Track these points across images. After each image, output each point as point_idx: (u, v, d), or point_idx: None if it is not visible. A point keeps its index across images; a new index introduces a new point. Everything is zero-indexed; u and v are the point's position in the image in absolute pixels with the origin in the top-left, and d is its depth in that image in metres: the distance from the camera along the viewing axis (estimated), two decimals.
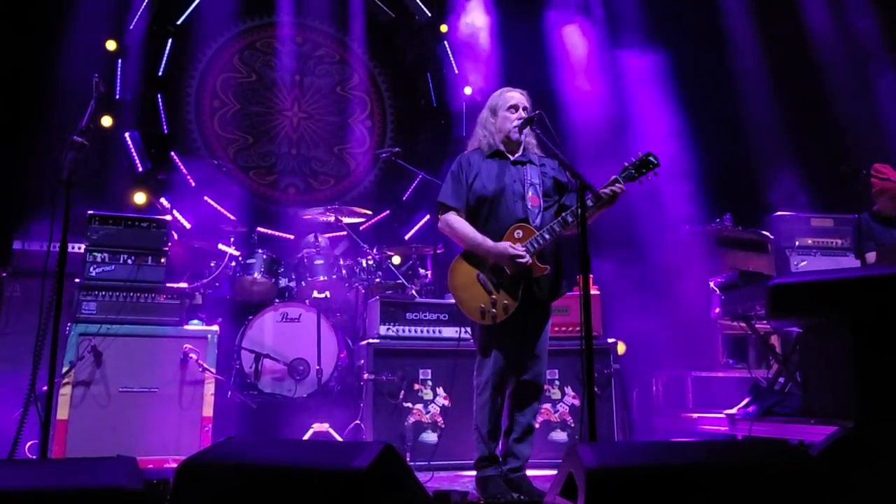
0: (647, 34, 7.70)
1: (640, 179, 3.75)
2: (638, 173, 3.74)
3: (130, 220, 4.93)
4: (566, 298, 4.31)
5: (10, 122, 6.75)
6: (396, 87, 9.25)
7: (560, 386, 5.10)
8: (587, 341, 3.19)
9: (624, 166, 3.76)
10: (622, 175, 3.74)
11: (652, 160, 3.74)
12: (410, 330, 5.13)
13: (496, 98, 4.02)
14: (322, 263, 5.96)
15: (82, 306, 4.70)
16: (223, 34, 8.52)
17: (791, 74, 7.46)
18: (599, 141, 6.87)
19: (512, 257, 3.66)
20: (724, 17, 7.90)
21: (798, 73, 7.45)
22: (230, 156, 8.35)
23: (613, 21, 8.17)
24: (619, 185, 3.67)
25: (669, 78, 7.45)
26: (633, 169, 3.74)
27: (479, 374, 3.84)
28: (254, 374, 5.45)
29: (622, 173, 3.75)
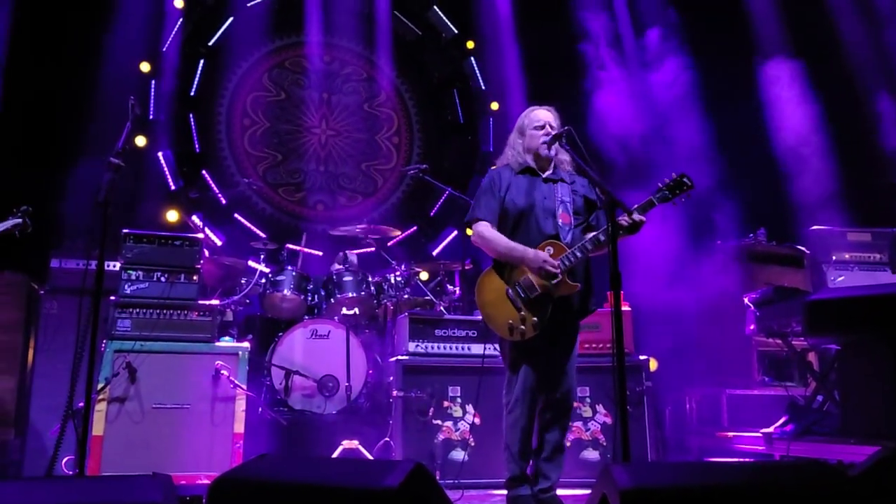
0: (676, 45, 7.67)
1: (674, 200, 3.71)
2: (672, 194, 3.71)
3: (163, 239, 4.99)
4: (597, 315, 4.28)
5: (49, 142, 6.90)
6: (423, 104, 9.31)
7: (591, 404, 5.05)
8: (619, 358, 3.16)
9: (658, 187, 3.73)
10: (656, 196, 3.71)
11: (686, 181, 3.70)
12: (439, 347, 5.12)
13: (523, 118, 4.03)
14: (351, 280, 5.98)
15: (117, 323, 4.76)
16: (253, 54, 8.65)
17: (825, 85, 7.35)
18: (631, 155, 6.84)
19: (546, 263, 3.63)
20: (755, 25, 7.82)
21: (833, 85, 7.35)
22: (260, 173, 8.45)
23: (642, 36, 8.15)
24: (637, 215, 3.62)
25: (699, 89, 7.40)
26: (667, 190, 3.71)
27: (509, 392, 3.82)
28: (284, 391, 5.47)
29: (656, 194, 3.71)
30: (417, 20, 9.19)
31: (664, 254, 6.36)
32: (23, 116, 6.84)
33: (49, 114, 7.00)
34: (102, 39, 7.21)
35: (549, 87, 8.05)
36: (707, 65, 7.57)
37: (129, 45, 7.49)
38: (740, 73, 7.57)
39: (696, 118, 7.22)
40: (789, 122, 7.33)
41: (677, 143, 7.09)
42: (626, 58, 8.25)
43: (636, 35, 8.35)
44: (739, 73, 7.57)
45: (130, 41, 7.50)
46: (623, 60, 8.20)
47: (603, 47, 8.07)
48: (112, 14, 7.28)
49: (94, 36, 7.16)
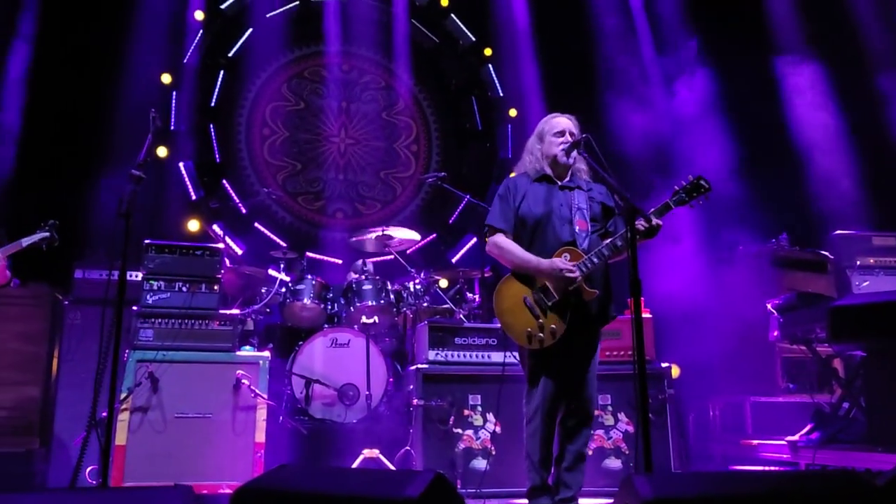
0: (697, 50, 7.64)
1: (691, 203, 3.69)
2: (689, 197, 3.68)
3: (185, 249, 5.04)
4: (617, 322, 4.24)
5: (72, 154, 6.98)
6: (441, 111, 9.33)
7: (613, 412, 5.01)
8: (640, 366, 3.13)
9: (674, 190, 3.71)
10: (673, 199, 3.69)
11: (703, 184, 3.68)
12: (459, 355, 5.11)
13: (543, 124, 4.02)
14: (370, 289, 5.98)
15: (140, 333, 4.81)
16: (272, 64, 8.72)
17: (849, 87, 7.27)
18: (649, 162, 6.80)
19: (562, 271, 3.62)
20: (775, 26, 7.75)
21: (856, 87, 7.26)
22: (279, 182, 8.50)
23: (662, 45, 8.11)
24: (654, 220, 3.60)
25: (718, 93, 7.35)
26: (683, 193, 3.69)
27: (529, 401, 3.79)
28: (304, 400, 5.48)
29: (673, 197, 3.69)
30: (435, 28, 9.23)
31: (685, 259, 6.31)
32: (46, 129, 6.95)
33: (72, 126, 7.10)
34: (124, 52, 7.31)
35: (568, 92, 8.03)
36: (727, 67, 7.51)
37: (150, 58, 7.59)
38: (761, 75, 7.50)
39: (716, 122, 7.16)
40: (811, 124, 7.26)
41: (697, 148, 7.03)
42: (645, 62, 8.22)
43: (655, 39, 8.32)
44: (760, 75, 7.50)
45: (152, 54, 7.60)
46: (641, 64, 8.17)
47: (621, 52, 8.05)
48: (134, 27, 7.38)
49: (117, 49, 7.26)
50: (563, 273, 3.62)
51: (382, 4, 8.93)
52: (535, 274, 3.71)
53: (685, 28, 7.72)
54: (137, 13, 7.43)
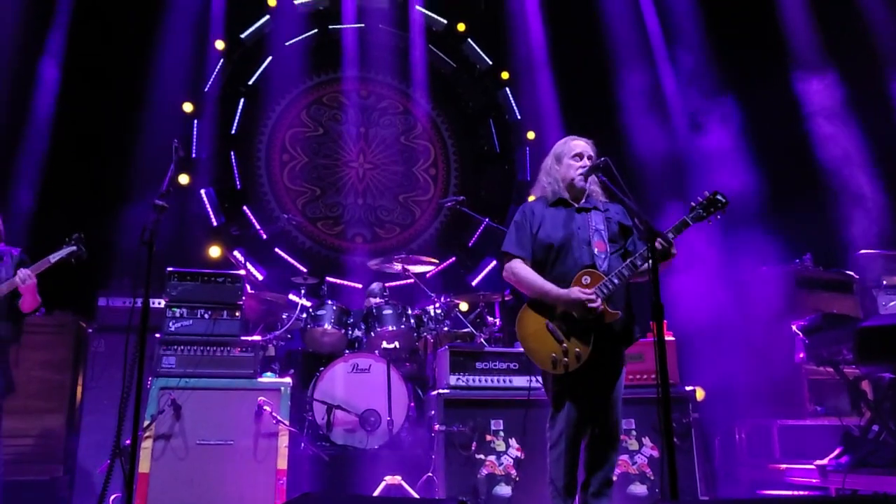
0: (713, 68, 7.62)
1: (708, 219, 3.66)
2: (706, 213, 3.65)
3: (207, 276, 5.07)
4: (640, 345, 4.21)
5: (94, 182, 7.08)
6: (459, 135, 9.38)
7: (637, 436, 4.95)
8: (664, 390, 3.10)
9: (691, 206, 3.68)
10: (690, 216, 3.66)
11: (720, 199, 3.65)
12: (481, 380, 5.07)
13: (561, 146, 4.01)
14: (391, 313, 5.98)
15: (163, 360, 4.83)
16: (291, 91, 8.83)
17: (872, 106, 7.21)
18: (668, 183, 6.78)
19: (582, 301, 3.59)
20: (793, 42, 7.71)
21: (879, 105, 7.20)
22: (299, 207, 8.56)
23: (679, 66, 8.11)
24: (672, 236, 3.57)
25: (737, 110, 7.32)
26: (700, 209, 3.66)
27: (553, 426, 3.75)
28: (326, 426, 5.47)
29: (690, 214, 3.66)
30: (452, 53, 9.31)
31: (708, 280, 6.26)
32: (70, 157, 7.06)
33: (95, 155, 7.21)
34: (147, 81, 7.44)
35: (585, 114, 8.06)
36: (746, 87, 7.49)
37: (172, 87, 7.72)
38: (781, 94, 7.46)
39: (736, 142, 7.13)
40: (833, 142, 7.19)
41: (717, 168, 7.00)
42: (662, 83, 8.22)
43: (672, 60, 8.32)
44: (780, 94, 7.46)
45: (174, 83, 7.73)
46: (659, 85, 8.17)
47: (638, 74, 8.06)
48: (156, 57, 7.51)
49: (140, 78, 7.39)
50: (583, 304, 3.59)
51: (400, 31, 9.02)
52: (555, 304, 3.68)
53: (703, 49, 7.70)
54: (160, 44, 7.56)
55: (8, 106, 6.90)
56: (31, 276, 4.09)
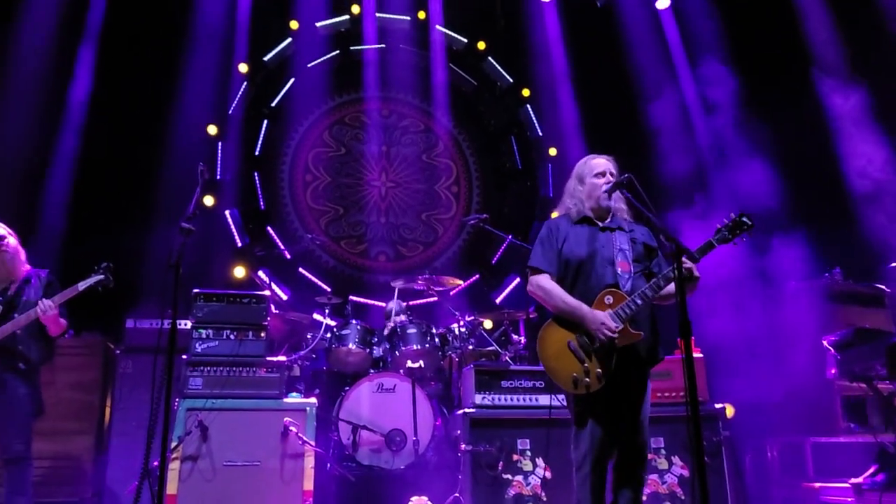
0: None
1: (734, 241, 3.61)
2: (732, 235, 3.61)
3: (232, 297, 5.10)
4: (667, 362, 4.15)
5: (122, 205, 7.17)
6: (481, 152, 9.40)
7: (666, 455, 4.88)
8: (693, 410, 3.05)
9: (717, 228, 3.63)
10: (716, 237, 3.61)
11: (746, 221, 3.60)
12: (506, 398, 5.04)
13: (582, 166, 3.99)
14: (415, 332, 5.97)
15: (189, 381, 4.86)
16: (313, 112, 8.91)
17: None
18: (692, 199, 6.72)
19: (601, 327, 3.55)
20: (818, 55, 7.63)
21: None
22: (322, 227, 8.61)
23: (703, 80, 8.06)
24: (697, 258, 3.53)
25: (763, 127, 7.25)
26: (726, 231, 3.61)
27: (577, 447, 3.69)
28: (351, 446, 5.45)
29: (715, 235, 3.62)
30: (473, 71, 9.35)
31: (736, 295, 6.18)
32: (98, 182, 7.17)
33: (123, 178, 7.30)
34: (173, 106, 7.56)
35: (607, 129, 8.05)
36: (770, 100, 7.42)
37: (197, 110, 7.84)
38: (806, 107, 7.38)
39: (761, 156, 7.05)
40: (860, 154, 7.09)
41: (742, 183, 6.93)
42: (685, 96, 8.18)
43: (693, 71, 8.28)
44: (805, 107, 7.38)
45: (199, 106, 7.84)
46: (681, 99, 8.14)
47: (660, 87, 8.03)
48: (182, 82, 7.63)
49: (166, 102, 7.51)
50: (602, 331, 3.55)
51: (420, 50, 9.08)
52: (578, 322, 3.65)
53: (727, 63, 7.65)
54: (185, 68, 7.68)
55: (38, 130, 7.03)
56: (53, 306, 4.14)
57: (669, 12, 8.44)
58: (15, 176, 6.71)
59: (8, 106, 6.81)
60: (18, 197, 6.61)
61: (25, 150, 6.91)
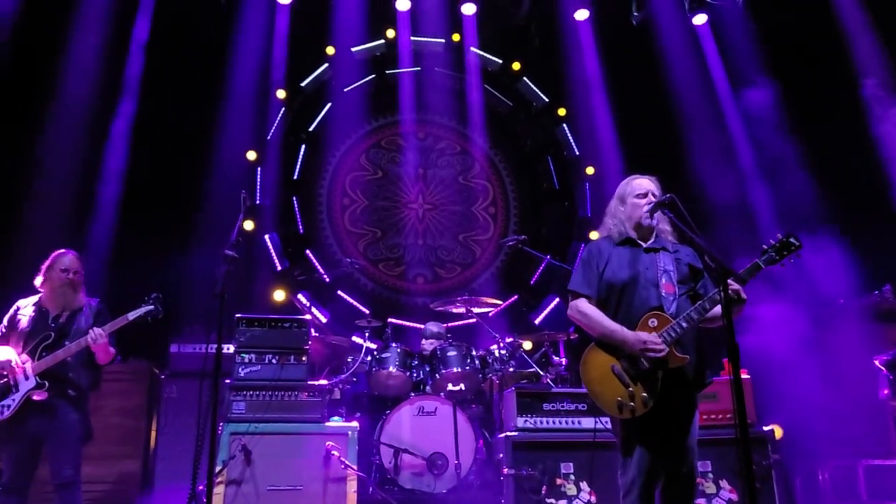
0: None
1: (782, 262, 3.54)
2: (779, 256, 3.53)
3: (274, 322, 5.16)
4: (714, 383, 4.05)
5: (164, 230, 7.31)
6: (518, 173, 9.39)
7: (714, 479, 4.77)
8: (742, 434, 2.99)
9: (763, 249, 3.56)
10: (763, 259, 3.54)
11: (794, 242, 3.53)
12: (549, 421, 5.00)
13: (624, 186, 3.94)
14: (455, 355, 5.96)
15: (233, 406, 4.90)
16: (350, 136, 9.01)
17: None
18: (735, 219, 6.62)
19: (646, 345, 3.50)
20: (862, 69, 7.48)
21: None
22: (360, 250, 8.67)
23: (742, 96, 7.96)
24: (738, 282, 3.46)
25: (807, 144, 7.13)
26: (773, 252, 3.54)
27: (624, 472, 3.62)
28: (393, 470, 5.43)
29: (762, 257, 3.55)
30: (508, 92, 9.36)
31: (783, 314, 6.05)
32: (142, 208, 7.32)
33: (165, 204, 7.45)
34: (213, 132, 7.71)
35: (645, 147, 7.98)
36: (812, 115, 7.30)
37: (236, 136, 7.98)
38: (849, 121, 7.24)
39: (805, 174, 6.93)
40: None
41: (786, 199, 6.81)
42: (725, 114, 8.09)
43: (733, 87, 8.19)
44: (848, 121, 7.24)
45: (238, 132, 7.98)
46: (721, 117, 8.05)
47: (698, 105, 7.96)
48: (222, 109, 7.78)
49: (206, 129, 7.66)
50: (648, 348, 3.50)
51: (456, 73, 9.14)
52: (620, 345, 3.60)
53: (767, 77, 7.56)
54: (225, 95, 7.84)
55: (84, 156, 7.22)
56: (103, 335, 4.22)
57: (707, 28, 8.38)
58: (63, 202, 6.89)
59: (56, 132, 7.01)
60: (68, 221, 6.80)
61: (72, 176, 7.10)
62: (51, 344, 4.24)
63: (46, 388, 4.14)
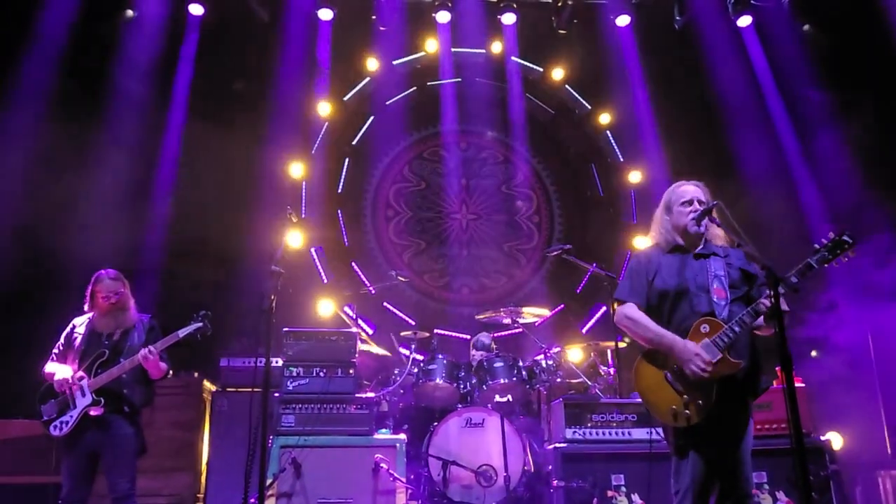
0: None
1: (834, 261, 3.44)
2: (832, 255, 3.43)
3: (321, 335, 5.22)
4: (767, 392, 3.97)
5: (214, 245, 7.45)
6: (561, 181, 9.33)
7: (770, 490, 4.66)
8: (798, 444, 2.91)
9: (815, 248, 3.47)
10: (815, 258, 3.45)
11: (847, 239, 3.42)
12: (598, 433, 4.94)
13: (669, 194, 3.89)
14: (502, 366, 5.93)
15: (282, 419, 4.96)
16: (393, 148, 9.08)
17: None
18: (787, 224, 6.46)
19: (695, 358, 3.43)
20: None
21: None
22: (405, 261, 8.71)
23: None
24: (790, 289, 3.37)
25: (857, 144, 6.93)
26: (825, 251, 3.44)
27: (677, 482, 3.56)
28: (442, 482, 5.41)
29: (814, 256, 3.45)
30: (550, 100, 9.32)
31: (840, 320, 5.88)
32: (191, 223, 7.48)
33: (213, 218, 7.59)
34: (259, 147, 7.85)
35: (691, 152, 7.87)
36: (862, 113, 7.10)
37: (281, 153, 8.12)
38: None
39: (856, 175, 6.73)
40: None
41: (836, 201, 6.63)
42: (772, 115, 7.92)
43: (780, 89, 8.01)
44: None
45: (283, 147, 8.12)
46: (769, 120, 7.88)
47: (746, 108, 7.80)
48: (266, 123, 7.92)
49: (251, 143, 7.80)
50: (695, 363, 3.43)
51: (497, 82, 9.13)
52: (668, 351, 3.54)
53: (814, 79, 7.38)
54: (269, 110, 7.97)
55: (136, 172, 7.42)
56: (154, 353, 4.31)
57: (751, 29, 8.21)
58: (117, 219, 7.09)
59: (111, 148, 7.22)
60: (122, 237, 6.98)
61: (125, 192, 7.30)
62: (106, 361, 4.34)
63: (102, 404, 4.25)
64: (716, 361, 3.44)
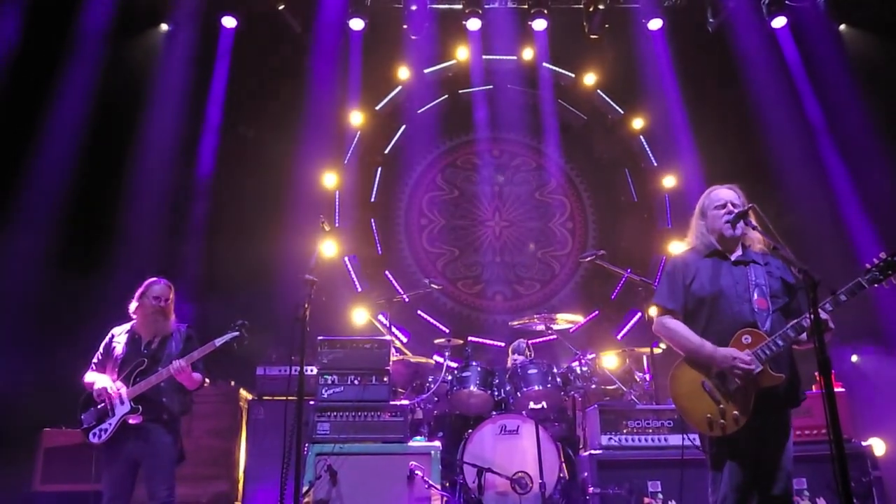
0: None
1: (885, 282, 3.37)
2: (883, 275, 3.36)
3: (355, 343, 5.25)
4: (806, 398, 3.89)
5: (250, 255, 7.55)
6: (595, 187, 9.27)
7: (810, 497, 4.56)
8: (838, 450, 2.85)
9: (866, 268, 3.39)
10: (866, 278, 3.37)
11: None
12: (634, 439, 4.89)
13: (704, 199, 3.84)
14: (536, 373, 5.90)
15: (317, 427, 5.00)
16: (426, 157, 9.12)
17: None
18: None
19: (735, 362, 3.38)
20: None
21: None
22: (439, 269, 8.73)
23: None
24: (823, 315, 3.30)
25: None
26: (877, 271, 3.37)
27: (715, 491, 3.51)
28: (477, 489, 5.40)
29: (865, 275, 3.38)
30: (582, 105, 9.27)
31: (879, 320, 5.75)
32: (227, 235, 7.60)
33: (249, 230, 7.72)
34: (292, 159, 7.95)
35: (726, 156, 7.77)
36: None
37: (315, 162, 8.21)
38: None
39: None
40: None
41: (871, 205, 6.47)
42: (808, 118, 7.78)
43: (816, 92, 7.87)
44: None
45: (316, 157, 8.21)
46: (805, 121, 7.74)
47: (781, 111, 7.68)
48: (299, 134, 8.02)
49: (285, 155, 7.91)
50: (737, 366, 3.38)
51: (528, 89, 9.13)
52: (709, 363, 3.49)
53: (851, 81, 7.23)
54: (302, 121, 8.07)
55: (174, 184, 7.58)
56: (184, 365, 4.37)
57: (786, 31, 8.09)
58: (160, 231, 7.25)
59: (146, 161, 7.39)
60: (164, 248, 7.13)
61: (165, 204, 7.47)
62: (144, 370, 4.41)
63: (141, 413, 4.32)
64: (757, 373, 3.38)
